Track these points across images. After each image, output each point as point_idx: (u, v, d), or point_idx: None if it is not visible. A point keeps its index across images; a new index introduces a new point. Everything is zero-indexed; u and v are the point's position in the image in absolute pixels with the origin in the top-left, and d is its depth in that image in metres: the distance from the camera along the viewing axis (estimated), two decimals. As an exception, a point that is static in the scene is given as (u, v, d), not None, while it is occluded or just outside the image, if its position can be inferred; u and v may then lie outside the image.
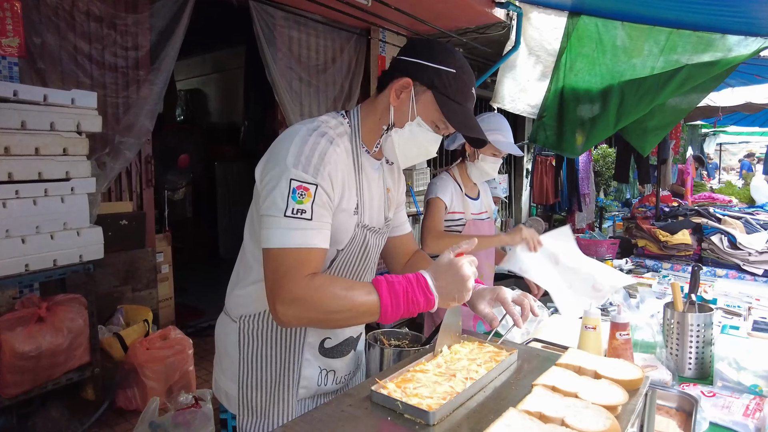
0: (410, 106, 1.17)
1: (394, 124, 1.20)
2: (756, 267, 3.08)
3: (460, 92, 1.17)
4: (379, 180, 1.31)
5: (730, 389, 1.46)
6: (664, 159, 4.62)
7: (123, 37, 3.17)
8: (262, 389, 1.23)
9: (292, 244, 1.04)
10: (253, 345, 1.23)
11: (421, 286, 1.05)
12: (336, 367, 1.31)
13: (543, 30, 3.68)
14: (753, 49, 2.90)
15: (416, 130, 1.19)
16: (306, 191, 1.05)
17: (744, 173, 10.19)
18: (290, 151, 1.08)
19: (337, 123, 1.20)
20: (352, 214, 1.18)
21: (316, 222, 1.06)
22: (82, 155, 2.68)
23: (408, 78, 1.16)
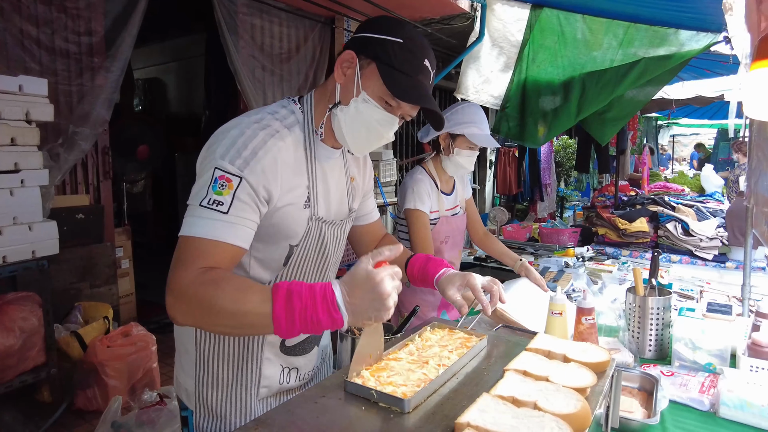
0: (355, 81, 1.09)
1: (340, 101, 1.11)
2: (706, 252, 3.24)
3: (407, 62, 1.07)
4: (341, 169, 1.26)
5: (687, 368, 1.53)
6: (622, 149, 4.78)
7: (75, 22, 3.01)
8: (219, 388, 1.18)
9: (197, 233, 0.97)
10: (210, 342, 1.18)
11: (327, 303, 0.88)
12: (299, 365, 1.27)
13: (506, 22, 3.72)
14: (704, 44, 3.02)
15: (362, 107, 1.09)
16: (228, 182, 0.99)
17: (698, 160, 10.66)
18: (224, 141, 1.03)
19: (288, 112, 1.14)
20: (302, 207, 1.12)
21: (231, 216, 0.98)
22: (32, 145, 2.55)
23: (351, 51, 1.09)
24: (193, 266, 0.94)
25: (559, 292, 1.62)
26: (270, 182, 1.04)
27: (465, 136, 1.98)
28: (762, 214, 1.68)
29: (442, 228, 2.09)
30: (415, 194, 2.00)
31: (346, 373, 1.05)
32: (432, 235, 2.05)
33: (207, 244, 0.97)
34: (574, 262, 3.09)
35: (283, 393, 1.27)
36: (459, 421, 0.82)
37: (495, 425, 0.80)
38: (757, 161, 1.69)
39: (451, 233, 2.13)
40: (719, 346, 1.52)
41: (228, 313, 0.91)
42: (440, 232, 2.09)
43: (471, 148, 2.01)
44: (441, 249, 2.11)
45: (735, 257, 3.14)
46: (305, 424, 0.87)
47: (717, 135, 12.30)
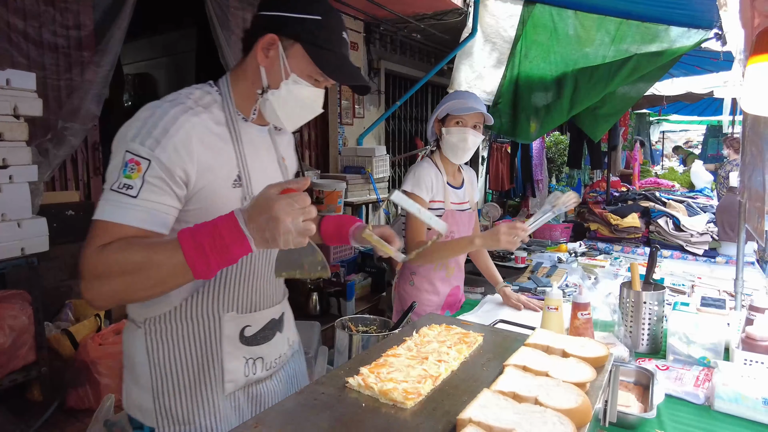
0: (281, 64, 1.08)
1: (269, 85, 1.11)
2: (697, 247, 3.27)
3: (329, 39, 1.09)
4: (270, 149, 1.25)
5: (681, 362, 1.54)
6: (614, 145, 4.81)
7: (63, 15, 2.96)
8: (181, 394, 1.13)
9: (105, 217, 0.95)
10: (163, 349, 1.12)
11: (230, 227, 0.87)
12: (263, 354, 1.23)
13: (499, 17, 3.72)
14: (694, 40, 3.05)
15: (294, 88, 1.10)
16: (137, 165, 0.96)
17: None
18: (134, 123, 1.00)
19: (203, 93, 1.12)
20: (230, 186, 1.09)
21: (140, 200, 0.96)
22: (20, 141, 2.50)
23: (272, 34, 1.07)
24: (94, 245, 0.93)
25: (555, 288, 1.63)
26: (185, 161, 1.00)
27: (449, 114, 1.96)
28: (755, 209, 1.69)
29: (448, 221, 2.00)
30: (415, 178, 1.98)
31: (344, 369, 1.04)
32: None
33: (114, 228, 0.95)
34: (566, 258, 3.11)
35: (251, 385, 1.23)
36: (461, 417, 0.82)
37: (497, 421, 0.80)
38: (751, 156, 1.70)
39: (456, 228, 2.06)
40: (713, 340, 1.53)
41: (141, 272, 0.90)
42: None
43: (458, 123, 1.95)
44: None
45: (725, 252, 3.17)
46: (305, 420, 0.86)
47: (706, 131, 12.44)
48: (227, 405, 1.18)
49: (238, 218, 0.87)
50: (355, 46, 5.07)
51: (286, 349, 1.32)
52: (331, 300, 3.90)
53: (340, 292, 3.90)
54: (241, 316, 1.17)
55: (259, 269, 1.20)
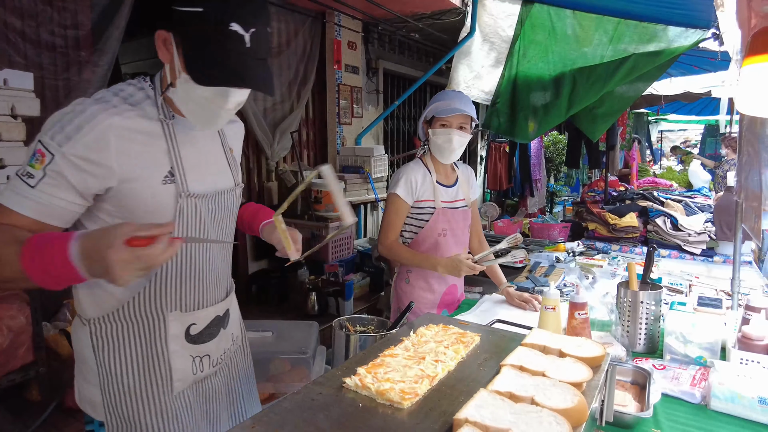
0: (175, 61, 1.02)
1: (171, 82, 1.05)
2: (695, 247, 3.27)
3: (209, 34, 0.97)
4: (215, 141, 1.23)
5: (678, 361, 1.54)
6: (612, 145, 4.82)
7: (60, 14, 2.96)
8: (128, 394, 1.13)
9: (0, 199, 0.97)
10: (109, 348, 1.12)
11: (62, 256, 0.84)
12: (209, 351, 1.24)
13: (497, 17, 3.72)
14: (692, 40, 3.05)
15: (187, 87, 1.02)
16: (42, 157, 0.96)
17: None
18: (55, 117, 1.01)
19: (136, 89, 1.09)
20: (160, 183, 1.07)
21: (37, 191, 0.96)
22: (18, 141, 2.50)
23: (164, 30, 1.02)
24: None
25: (552, 287, 1.63)
26: (97, 159, 0.99)
27: (435, 116, 1.98)
28: (752, 209, 1.70)
29: (438, 220, 2.05)
30: (400, 179, 2.03)
31: (342, 369, 1.04)
32: (429, 227, 2.04)
33: (7, 212, 0.96)
34: (564, 257, 3.11)
35: (198, 382, 1.23)
36: (457, 417, 0.82)
37: (493, 421, 0.80)
38: (748, 156, 1.71)
39: (449, 227, 2.07)
40: (710, 340, 1.54)
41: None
42: (437, 223, 2.05)
43: (443, 125, 1.97)
44: (439, 242, 2.06)
45: (722, 252, 3.18)
46: (302, 421, 0.87)
47: (704, 131, 12.45)
48: (177, 404, 1.18)
49: (71, 250, 0.84)
50: (353, 46, 5.07)
51: (230, 344, 1.33)
52: (329, 300, 3.90)
53: (338, 291, 3.90)
54: (185, 315, 1.17)
55: (201, 267, 1.19)
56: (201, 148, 1.17)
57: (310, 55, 4.66)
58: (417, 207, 2.05)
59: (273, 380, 2.03)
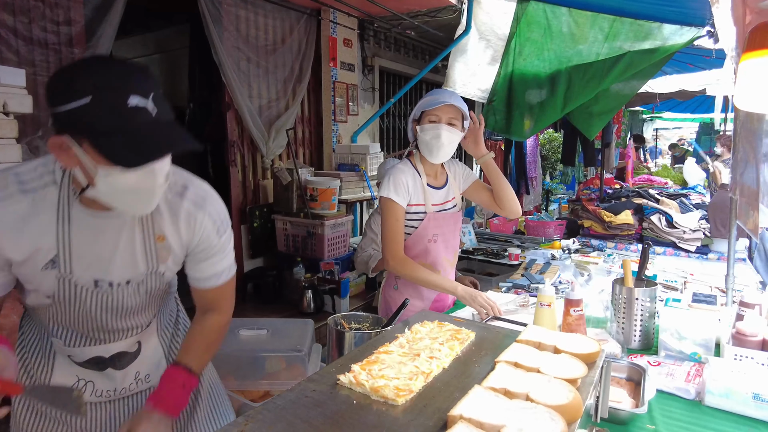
0: (84, 162, 0.95)
1: (88, 184, 0.99)
2: (689, 244, 3.28)
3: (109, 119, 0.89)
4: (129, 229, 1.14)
5: (673, 358, 1.55)
6: (607, 143, 4.82)
7: (53, 11, 2.93)
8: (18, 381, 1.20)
9: None
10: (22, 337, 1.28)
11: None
12: (94, 379, 1.24)
13: (493, 14, 3.72)
14: (687, 38, 3.06)
15: (110, 180, 0.96)
16: None
17: None
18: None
19: (46, 171, 1.07)
20: (40, 269, 1.09)
21: None
22: (10, 138, 2.47)
23: (58, 137, 0.94)
24: None
25: (548, 284, 1.63)
26: None
27: (424, 111, 1.90)
28: (747, 206, 1.70)
29: (429, 225, 1.96)
30: (390, 182, 1.91)
31: (336, 366, 1.04)
32: (419, 233, 1.95)
33: None
34: (560, 255, 3.12)
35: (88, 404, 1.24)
36: (452, 414, 0.82)
37: (487, 417, 0.80)
38: (743, 153, 1.71)
39: (440, 231, 1.99)
40: (704, 336, 1.54)
41: None
42: (427, 230, 1.96)
43: (432, 121, 1.87)
44: (429, 248, 1.97)
45: (717, 249, 3.19)
46: (295, 418, 0.86)
47: (699, 128, 12.49)
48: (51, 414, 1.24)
49: None
50: (349, 43, 5.05)
51: (127, 383, 1.28)
52: (325, 297, 3.89)
53: (334, 289, 3.89)
54: (64, 347, 1.22)
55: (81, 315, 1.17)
56: (101, 236, 1.12)
57: (306, 52, 4.64)
58: (407, 212, 1.94)
59: (268, 378, 2.02)
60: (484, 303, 1.85)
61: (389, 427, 0.83)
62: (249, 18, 4.06)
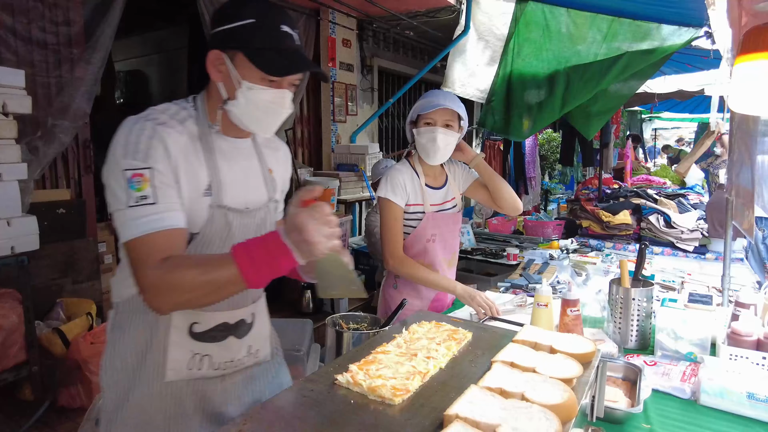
0: (232, 75, 1.13)
1: (228, 97, 1.16)
2: (687, 244, 3.29)
3: (267, 37, 1.11)
4: (252, 159, 1.29)
5: (669, 357, 1.56)
6: (606, 143, 4.83)
7: (52, 11, 2.94)
8: (125, 370, 1.21)
9: (141, 232, 1.03)
10: (121, 328, 1.22)
11: (276, 243, 0.98)
12: (211, 352, 1.25)
13: (492, 15, 3.73)
14: (685, 38, 3.06)
15: (250, 94, 1.14)
16: (142, 177, 1.04)
17: None
18: (118, 144, 1.07)
19: (179, 108, 1.18)
20: (201, 195, 1.15)
21: (162, 204, 1.05)
22: (9, 138, 2.49)
23: (215, 50, 1.13)
24: (152, 262, 1.01)
25: (545, 284, 1.64)
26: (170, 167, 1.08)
27: (420, 115, 1.91)
28: (742, 206, 1.71)
29: (427, 225, 1.97)
30: (388, 183, 1.94)
31: (333, 366, 1.05)
32: (417, 233, 1.96)
33: (155, 238, 1.03)
34: (558, 255, 3.13)
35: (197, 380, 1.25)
36: (447, 413, 0.83)
37: (483, 417, 0.81)
38: (739, 154, 1.72)
39: (438, 231, 2.00)
40: (700, 336, 1.55)
41: (200, 286, 0.99)
42: (425, 230, 1.97)
43: (428, 124, 1.89)
44: (428, 248, 1.98)
45: (714, 249, 3.20)
46: (293, 417, 0.87)
47: (697, 129, 12.50)
48: (167, 391, 1.21)
49: (280, 233, 0.99)
50: (348, 44, 5.06)
51: (242, 355, 1.32)
52: (324, 298, 3.90)
53: (333, 289, 3.90)
54: (189, 313, 1.20)
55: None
56: (237, 165, 1.24)
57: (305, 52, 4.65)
58: (406, 212, 1.96)
59: (267, 378, 2.03)
60: (482, 303, 1.86)
61: (386, 427, 0.84)
62: (248, 18, 4.06)
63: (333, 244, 0.99)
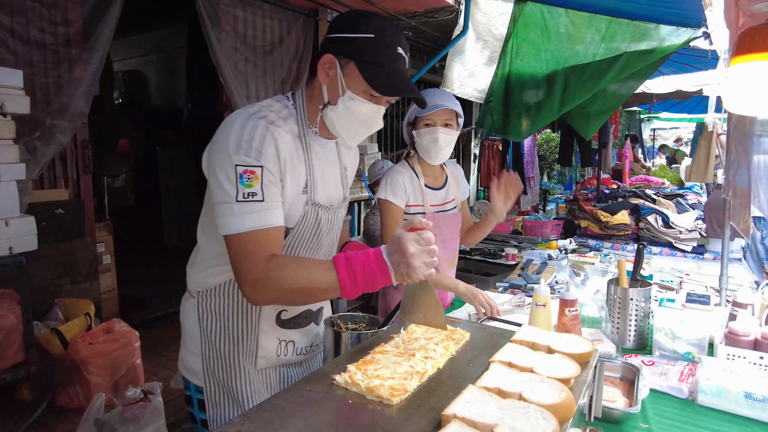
0: (339, 82, 1.17)
1: (329, 101, 1.21)
2: (686, 244, 3.30)
3: (382, 56, 1.15)
4: (335, 159, 1.36)
5: (666, 357, 1.56)
6: (605, 143, 4.85)
7: (50, 11, 2.93)
8: (224, 361, 1.27)
9: (248, 227, 1.08)
10: (211, 318, 1.28)
11: (378, 260, 1.06)
12: (295, 338, 1.35)
13: (491, 15, 3.72)
14: (684, 39, 3.07)
15: (350, 104, 1.19)
16: (253, 174, 1.09)
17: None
18: (231, 138, 1.11)
19: (282, 106, 1.23)
20: (300, 193, 1.22)
21: (268, 202, 1.11)
22: (8, 139, 2.48)
23: (330, 54, 1.17)
24: (258, 257, 1.08)
25: (543, 284, 1.64)
26: (279, 165, 1.14)
27: (418, 116, 1.91)
28: (740, 206, 1.72)
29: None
30: (388, 184, 1.95)
31: (332, 366, 1.05)
32: None
33: (261, 234, 1.10)
34: (557, 255, 3.13)
35: (281, 366, 1.35)
36: (445, 413, 0.83)
37: (481, 416, 0.81)
38: (736, 154, 1.72)
39: (439, 232, 1.97)
40: (698, 336, 1.55)
41: (300, 289, 1.08)
42: None
43: (427, 125, 1.89)
44: None
45: (713, 249, 3.21)
46: (291, 417, 0.87)
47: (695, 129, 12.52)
48: (260, 378, 1.31)
49: (383, 252, 1.06)
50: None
51: (317, 341, 1.43)
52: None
53: (332, 289, 3.90)
54: None
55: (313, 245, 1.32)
56: (325, 164, 1.30)
57: (303, 53, 4.64)
58: (406, 213, 1.97)
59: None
60: (484, 302, 1.87)
61: (384, 427, 0.84)
62: (246, 18, 4.06)
63: (430, 272, 1.05)
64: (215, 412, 1.29)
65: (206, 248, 1.28)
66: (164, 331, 3.92)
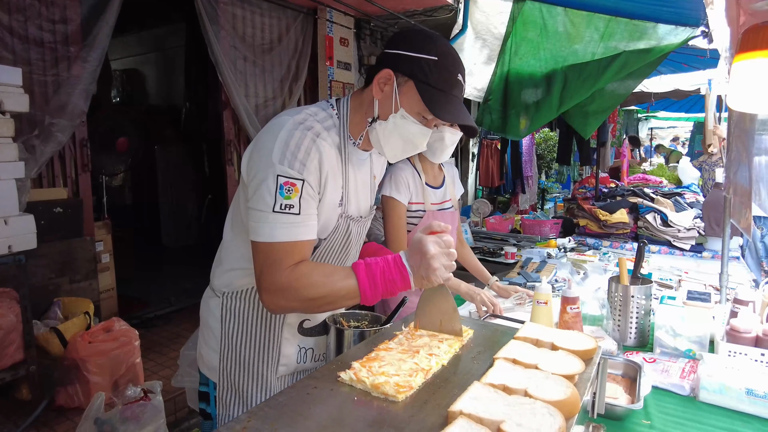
0: (393, 98, 1.16)
1: (378, 116, 1.19)
2: (684, 243, 3.31)
3: (443, 80, 1.14)
4: (368, 169, 1.35)
5: (668, 354, 1.57)
6: (603, 142, 4.86)
7: (49, 9, 2.92)
8: (242, 366, 1.27)
9: (280, 238, 1.09)
10: (234, 321, 1.27)
11: (397, 265, 1.07)
12: (314, 346, 1.36)
13: (489, 14, 3.73)
14: (682, 38, 3.08)
15: (400, 122, 1.17)
16: (293, 187, 1.09)
17: None
18: (276, 146, 1.10)
19: (327, 116, 1.21)
20: (336, 205, 1.21)
21: (303, 216, 1.11)
22: (6, 137, 2.47)
23: (389, 69, 1.15)
24: (283, 266, 1.09)
25: (544, 282, 1.65)
26: (320, 179, 1.15)
27: None
28: (740, 204, 1.72)
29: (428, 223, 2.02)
30: (392, 181, 1.98)
31: (336, 363, 1.05)
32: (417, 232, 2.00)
33: (290, 246, 1.10)
34: (556, 253, 3.14)
35: (299, 372, 1.35)
36: (452, 410, 0.83)
37: (487, 413, 0.81)
38: (736, 152, 1.73)
39: None
40: (699, 333, 1.56)
41: (322, 296, 1.09)
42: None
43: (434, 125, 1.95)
44: None
45: (711, 247, 3.22)
46: (297, 414, 0.87)
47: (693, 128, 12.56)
48: (277, 386, 1.31)
49: (402, 256, 1.07)
50: (345, 42, 5.05)
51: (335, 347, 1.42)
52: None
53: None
54: None
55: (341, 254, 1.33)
56: (359, 175, 1.30)
57: (302, 51, 4.63)
58: (408, 210, 2.00)
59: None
60: (486, 301, 1.87)
61: (390, 423, 0.84)
62: (245, 17, 4.06)
63: (448, 276, 1.06)
64: (224, 412, 1.29)
65: (233, 245, 1.27)
66: (163, 330, 3.92)
